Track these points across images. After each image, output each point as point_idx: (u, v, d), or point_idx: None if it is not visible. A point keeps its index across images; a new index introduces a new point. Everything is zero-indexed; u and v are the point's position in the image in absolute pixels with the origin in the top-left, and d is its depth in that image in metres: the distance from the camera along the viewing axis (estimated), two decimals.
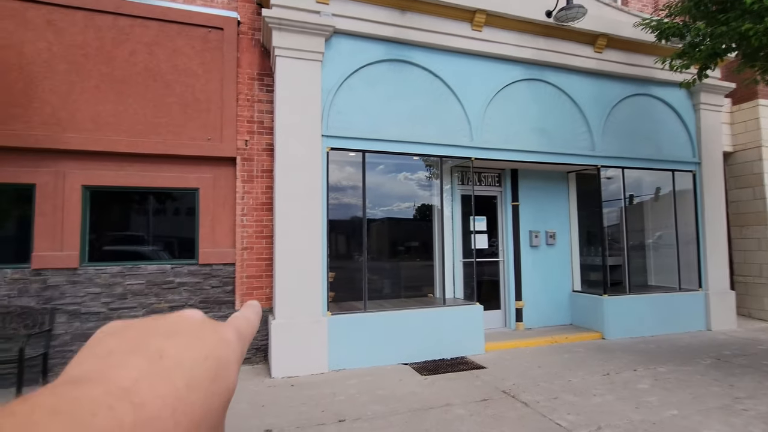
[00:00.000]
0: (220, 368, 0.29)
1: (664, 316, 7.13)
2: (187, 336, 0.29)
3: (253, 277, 5.70)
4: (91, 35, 5.31)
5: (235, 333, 0.33)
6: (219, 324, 0.33)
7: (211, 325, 0.32)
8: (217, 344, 0.30)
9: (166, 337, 0.28)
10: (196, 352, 0.28)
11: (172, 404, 0.25)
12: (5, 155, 5.04)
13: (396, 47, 5.98)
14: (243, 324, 0.36)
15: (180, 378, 0.26)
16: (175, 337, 0.29)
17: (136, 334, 0.28)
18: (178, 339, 0.29)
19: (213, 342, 0.30)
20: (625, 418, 3.88)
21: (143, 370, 0.25)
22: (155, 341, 0.28)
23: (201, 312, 0.33)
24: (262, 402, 4.35)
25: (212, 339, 0.30)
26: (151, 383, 0.25)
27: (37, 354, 4.79)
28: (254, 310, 0.39)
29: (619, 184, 7.49)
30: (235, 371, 0.31)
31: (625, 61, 7.20)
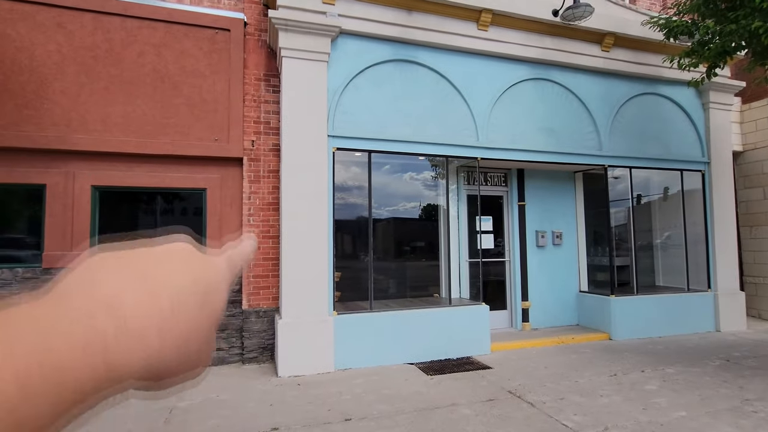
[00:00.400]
0: (208, 292, 0.30)
1: (672, 317, 7.07)
2: (175, 261, 0.30)
3: (260, 277, 5.74)
4: (100, 37, 5.37)
5: (225, 259, 0.34)
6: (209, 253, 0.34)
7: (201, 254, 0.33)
8: (204, 269, 0.31)
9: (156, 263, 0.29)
10: (183, 276, 0.29)
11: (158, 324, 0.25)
12: (17, 156, 5.12)
13: (402, 47, 5.99)
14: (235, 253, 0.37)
15: (166, 299, 0.27)
16: (166, 263, 0.29)
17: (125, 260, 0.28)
18: (168, 265, 0.29)
19: (201, 267, 0.31)
20: (632, 420, 3.85)
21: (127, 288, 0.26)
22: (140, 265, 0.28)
23: (192, 240, 0.34)
24: (269, 401, 4.38)
25: (200, 264, 0.31)
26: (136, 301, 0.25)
27: None
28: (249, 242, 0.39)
29: (626, 183, 7.44)
30: (223, 295, 0.32)
31: (632, 60, 7.15)
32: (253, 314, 5.69)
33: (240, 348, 5.68)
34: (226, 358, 5.64)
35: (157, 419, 3.93)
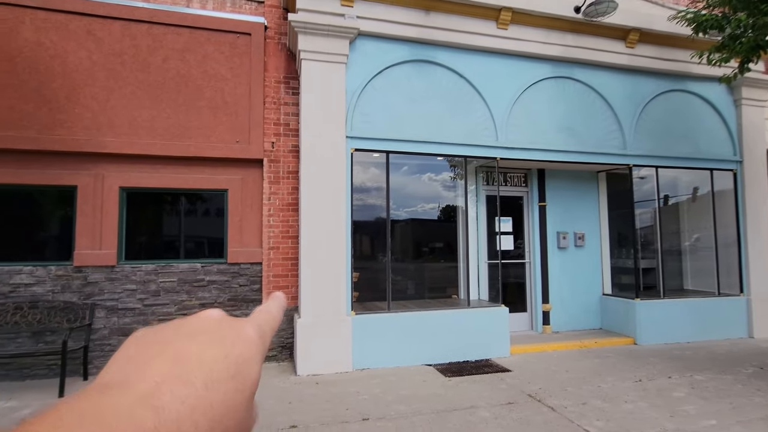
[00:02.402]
0: (240, 365, 0.30)
1: (701, 322, 6.81)
2: (206, 336, 0.30)
3: (280, 276, 5.82)
4: (127, 43, 5.56)
5: (256, 329, 0.34)
6: (239, 321, 0.34)
7: (231, 323, 0.33)
8: (236, 342, 0.31)
9: (186, 338, 0.30)
10: (215, 351, 0.29)
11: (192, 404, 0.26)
12: (50, 158, 5.35)
13: (420, 48, 5.98)
14: (265, 318, 0.36)
15: (199, 378, 0.27)
16: (195, 337, 0.30)
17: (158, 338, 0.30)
18: (197, 339, 0.30)
19: (232, 340, 0.31)
20: (658, 427, 3.73)
21: (164, 373, 0.27)
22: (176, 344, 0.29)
23: (221, 311, 0.34)
24: (288, 399, 4.44)
25: (231, 337, 0.31)
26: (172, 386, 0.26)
27: (79, 347, 5.05)
28: (278, 302, 0.39)
29: (652, 184, 7.22)
30: (256, 367, 0.31)
31: (659, 56, 6.94)
32: None
33: None
34: None
35: None
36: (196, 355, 0.28)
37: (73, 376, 5.05)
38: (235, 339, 0.31)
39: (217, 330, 0.31)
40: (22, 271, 5.21)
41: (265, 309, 0.38)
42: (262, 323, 0.36)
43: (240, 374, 0.29)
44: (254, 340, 0.33)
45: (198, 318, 0.33)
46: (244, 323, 0.34)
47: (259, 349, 0.33)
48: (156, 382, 0.26)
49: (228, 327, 0.32)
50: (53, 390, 4.66)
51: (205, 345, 0.29)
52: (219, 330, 0.32)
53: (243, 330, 0.33)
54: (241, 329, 0.33)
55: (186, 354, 0.28)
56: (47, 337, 5.20)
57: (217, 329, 0.32)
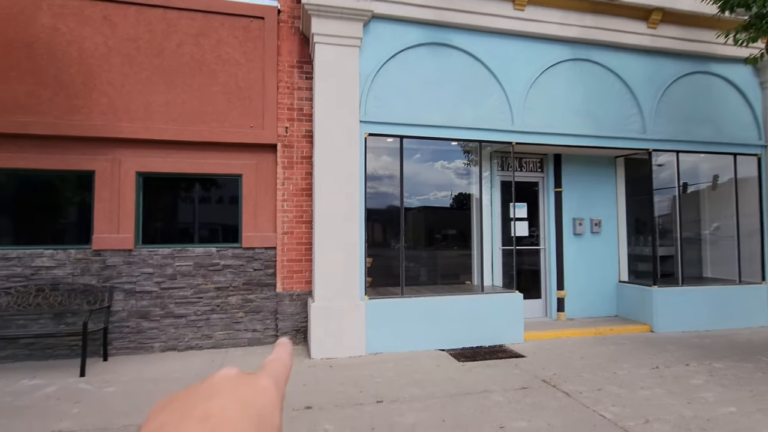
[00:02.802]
0: (262, 416, 0.31)
1: (721, 310, 6.68)
2: (227, 394, 0.32)
3: (294, 261, 5.86)
4: (142, 28, 5.57)
5: (271, 379, 0.36)
6: (254, 375, 0.35)
7: (247, 378, 0.35)
8: (255, 395, 0.33)
9: (208, 399, 0.31)
10: (238, 407, 0.31)
11: None
12: (69, 144, 5.42)
13: (435, 30, 5.88)
14: (277, 367, 0.38)
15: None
16: (216, 397, 0.31)
17: (181, 403, 0.31)
18: (219, 398, 0.31)
19: (251, 394, 0.33)
20: (675, 413, 3.69)
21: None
22: (200, 405, 0.30)
23: (235, 368, 0.36)
24: (302, 381, 4.49)
25: (250, 391, 0.33)
26: None
27: (98, 328, 5.17)
28: (286, 349, 0.41)
29: (671, 171, 7.04)
30: (278, 415, 0.33)
31: (682, 37, 6.71)
32: (287, 297, 5.82)
33: (274, 330, 5.84)
34: (261, 339, 5.81)
35: None
36: (221, 412, 0.30)
37: (93, 356, 5.18)
38: (253, 392, 0.33)
39: (235, 387, 0.33)
40: (43, 254, 5.33)
41: (276, 358, 0.40)
42: (276, 372, 0.37)
43: (264, 424, 0.31)
44: (271, 389, 0.35)
45: (215, 379, 0.34)
46: (259, 376, 0.36)
47: (277, 397, 0.35)
48: None
49: (245, 383, 0.34)
50: (75, 369, 4.78)
51: (227, 402, 0.31)
52: (237, 386, 0.33)
53: (259, 382, 0.35)
54: (257, 382, 0.35)
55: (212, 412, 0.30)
56: (68, 318, 5.33)
57: (235, 386, 0.33)
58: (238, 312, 5.78)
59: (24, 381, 4.51)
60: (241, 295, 5.79)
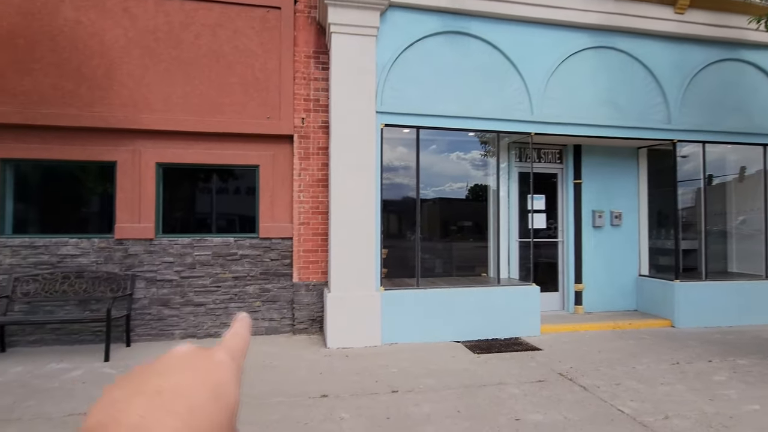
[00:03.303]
0: (218, 388, 0.32)
1: (746, 306, 6.49)
2: (181, 369, 0.32)
3: (310, 252, 5.90)
4: (161, 20, 5.62)
5: (227, 352, 0.36)
6: (210, 350, 0.36)
7: (202, 353, 0.35)
8: (209, 369, 0.33)
9: (160, 374, 0.31)
10: (191, 381, 0.31)
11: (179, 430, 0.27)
12: (91, 135, 5.54)
13: (453, 18, 5.77)
14: (235, 342, 0.38)
15: (181, 406, 0.29)
16: (170, 372, 0.31)
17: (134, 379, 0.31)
18: (172, 374, 0.31)
19: (206, 368, 0.33)
20: (696, 410, 3.61)
21: (147, 407, 0.28)
22: (152, 381, 0.30)
23: (190, 344, 0.36)
24: (319, 370, 4.55)
25: (205, 366, 0.33)
26: (156, 416, 0.27)
27: (121, 315, 5.31)
28: (244, 323, 0.41)
29: (696, 162, 6.83)
30: (234, 388, 0.33)
31: (711, 23, 6.44)
32: (303, 287, 5.88)
33: (291, 319, 5.92)
34: (278, 328, 5.90)
35: None
36: (175, 386, 0.30)
37: (116, 342, 5.33)
38: (208, 367, 0.33)
39: (190, 362, 0.33)
40: (68, 242, 5.49)
41: (234, 332, 0.40)
42: (233, 347, 0.38)
43: (220, 397, 0.31)
44: (227, 363, 0.35)
45: (169, 355, 0.34)
46: (214, 350, 0.36)
47: (234, 371, 0.35)
48: (140, 416, 0.27)
49: (200, 358, 0.34)
50: (99, 354, 4.94)
51: (180, 377, 0.31)
52: (192, 362, 0.33)
53: (215, 356, 0.35)
54: (212, 356, 0.35)
55: (165, 387, 0.30)
56: (92, 305, 5.50)
57: (189, 361, 0.33)
58: (255, 301, 5.86)
59: (52, 365, 4.69)
60: (259, 285, 5.87)
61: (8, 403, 3.71)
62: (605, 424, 3.39)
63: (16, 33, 5.33)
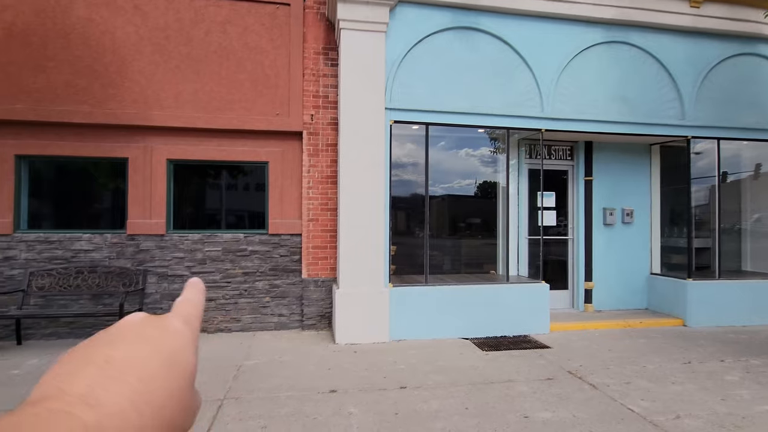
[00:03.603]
0: (172, 356, 0.32)
1: (760, 305, 6.38)
2: (132, 337, 0.32)
3: (319, 248, 5.93)
4: (171, 17, 5.66)
5: (180, 319, 0.36)
6: (162, 318, 0.35)
7: (154, 321, 0.34)
8: (161, 337, 0.33)
9: (110, 344, 0.31)
10: (142, 349, 0.31)
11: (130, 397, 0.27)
12: (104, 132, 5.61)
13: (463, 13, 5.73)
14: (187, 308, 0.38)
15: (132, 374, 0.28)
16: (121, 341, 0.31)
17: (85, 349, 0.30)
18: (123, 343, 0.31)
19: (159, 336, 0.33)
20: (708, 410, 3.57)
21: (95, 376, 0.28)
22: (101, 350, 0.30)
23: (142, 313, 0.35)
24: (327, 365, 4.58)
25: (158, 333, 0.33)
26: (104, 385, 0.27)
27: (133, 309, 5.39)
28: (196, 288, 0.40)
29: (709, 159, 6.71)
30: (190, 354, 0.33)
31: (727, 16, 6.31)
32: (312, 283, 5.91)
33: (300, 315, 5.96)
34: (287, 324, 5.94)
35: (228, 374, 4.26)
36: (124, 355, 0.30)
37: None
38: (161, 334, 0.33)
39: (140, 330, 0.33)
40: (81, 238, 5.58)
41: (185, 299, 0.39)
42: (186, 313, 0.37)
43: (173, 364, 0.31)
44: (181, 330, 0.34)
45: (120, 324, 0.34)
46: (167, 318, 0.35)
47: (189, 337, 0.34)
48: (89, 385, 0.27)
49: (151, 325, 0.34)
50: None
51: (131, 346, 0.31)
52: (142, 330, 0.33)
53: (168, 324, 0.34)
54: (165, 324, 0.34)
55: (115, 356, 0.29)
56: (105, 300, 5.59)
57: (140, 330, 0.33)
58: (264, 297, 5.91)
59: None
60: (268, 281, 5.92)
61: (26, 394, 3.77)
62: (615, 422, 3.37)
63: (30, 31, 5.40)
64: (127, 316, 0.35)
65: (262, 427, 3.24)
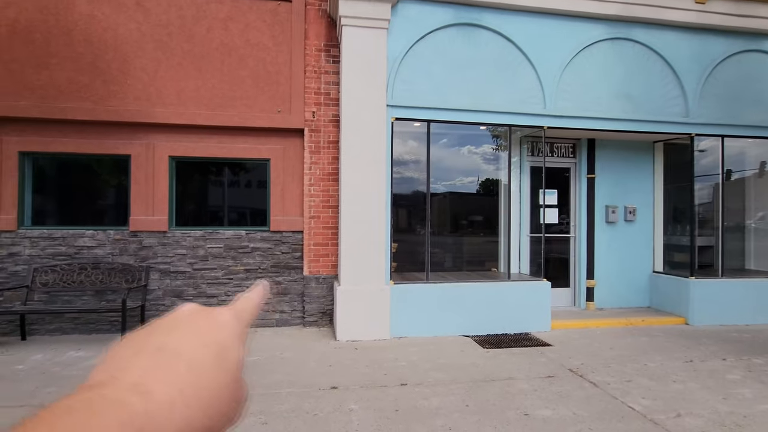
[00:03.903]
0: (220, 348, 0.32)
1: (764, 304, 6.35)
2: (183, 328, 0.33)
3: (320, 245, 5.94)
4: (173, 14, 5.66)
5: (232, 313, 0.36)
6: (214, 310, 0.36)
7: (205, 313, 0.35)
8: (211, 329, 0.33)
9: (163, 334, 0.32)
10: (193, 340, 0.32)
11: (179, 387, 0.28)
12: (106, 129, 5.63)
13: (465, 10, 5.70)
14: (243, 304, 0.39)
15: (182, 365, 0.29)
16: (174, 331, 0.32)
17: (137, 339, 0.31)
18: (174, 333, 0.32)
19: (208, 328, 0.33)
20: (709, 408, 3.56)
21: (146, 365, 0.29)
22: (153, 339, 0.31)
23: (195, 304, 0.36)
24: (328, 362, 4.59)
25: (207, 325, 0.34)
26: (155, 374, 0.28)
27: (136, 305, 5.43)
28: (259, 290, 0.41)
29: (713, 157, 6.66)
30: (237, 348, 0.34)
31: (733, 12, 6.24)
32: (313, 280, 5.93)
33: (301, 311, 5.98)
34: (288, 320, 5.97)
35: None
36: (176, 345, 0.31)
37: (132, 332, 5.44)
38: (211, 326, 0.34)
39: (192, 322, 0.34)
40: (84, 234, 5.61)
41: (246, 296, 0.40)
42: (240, 309, 0.38)
43: (222, 357, 0.32)
44: (231, 324, 0.35)
45: (173, 315, 0.35)
46: (219, 310, 0.36)
47: (237, 331, 0.35)
48: (140, 375, 0.28)
49: (203, 317, 0.35)
50: None
51: (182, 336, 0.32)
52: (194, 321, 0.34)
53: (219, 317, 0.35)
54: (216, 316, 0.35)
55: (167, 345, 0.30)
56: (108, 296, 5.63)
57: (192, 321, 0.34)
58: None
59: (71, 353, 4.82)
60: (270, 278, 5.93)
61: (30, 389, 3.83)
62: (615, 421, 3.37)
63: (33, 28, 5.42)
64: (180, 306, 0.36)
65: (262, 423, 3.26)
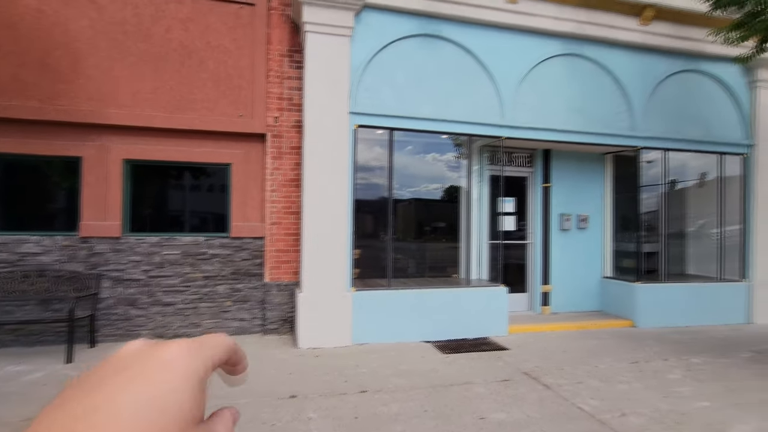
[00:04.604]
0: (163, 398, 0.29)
1: (701, 307, 6.82)
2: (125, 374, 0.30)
3: (282, 252, 5.86)
4: (129, 12, 5.47)
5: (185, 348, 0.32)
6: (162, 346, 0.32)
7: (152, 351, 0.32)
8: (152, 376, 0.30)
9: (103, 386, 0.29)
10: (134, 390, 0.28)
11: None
12: (56, 129, 5.34)
13: (427, 21, 5.83)
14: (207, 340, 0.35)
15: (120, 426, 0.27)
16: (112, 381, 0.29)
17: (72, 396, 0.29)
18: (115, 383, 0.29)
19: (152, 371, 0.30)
20: (651, 407, 3.79)
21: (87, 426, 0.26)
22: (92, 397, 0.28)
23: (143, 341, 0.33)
24: (288, 370, 4.54)
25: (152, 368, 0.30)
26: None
27: (86, 315, 5.15)
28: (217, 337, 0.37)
29: (659, 168, 7.11)
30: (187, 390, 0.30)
31: (673, 34, 6.72)
32: (274, 287, 5.84)
33: (261, 319, 5.88)
34: (248, 328, 5.84)
35: None
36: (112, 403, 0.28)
37: (80, 343, 5.18)
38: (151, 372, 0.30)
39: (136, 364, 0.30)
40: (29, 240, 5.29)
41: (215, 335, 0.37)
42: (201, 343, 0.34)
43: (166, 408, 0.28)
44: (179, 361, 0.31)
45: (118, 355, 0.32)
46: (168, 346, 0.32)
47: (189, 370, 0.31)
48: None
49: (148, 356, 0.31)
50: (61, 356, 4.79)
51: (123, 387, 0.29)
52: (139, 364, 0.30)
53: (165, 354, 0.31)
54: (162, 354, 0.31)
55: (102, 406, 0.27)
56: (55, 305, 5.31)
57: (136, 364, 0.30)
58: (225, 301, 5.79)
59: (9, 367, 4.51)
60: (229, 285, 5.80)
61: None
62: (565, 422, 3.51)
63: None
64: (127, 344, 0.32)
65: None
